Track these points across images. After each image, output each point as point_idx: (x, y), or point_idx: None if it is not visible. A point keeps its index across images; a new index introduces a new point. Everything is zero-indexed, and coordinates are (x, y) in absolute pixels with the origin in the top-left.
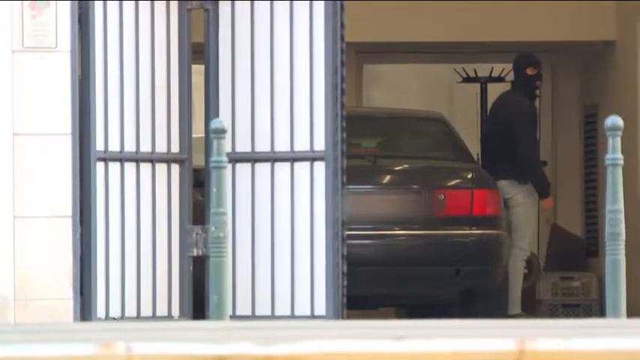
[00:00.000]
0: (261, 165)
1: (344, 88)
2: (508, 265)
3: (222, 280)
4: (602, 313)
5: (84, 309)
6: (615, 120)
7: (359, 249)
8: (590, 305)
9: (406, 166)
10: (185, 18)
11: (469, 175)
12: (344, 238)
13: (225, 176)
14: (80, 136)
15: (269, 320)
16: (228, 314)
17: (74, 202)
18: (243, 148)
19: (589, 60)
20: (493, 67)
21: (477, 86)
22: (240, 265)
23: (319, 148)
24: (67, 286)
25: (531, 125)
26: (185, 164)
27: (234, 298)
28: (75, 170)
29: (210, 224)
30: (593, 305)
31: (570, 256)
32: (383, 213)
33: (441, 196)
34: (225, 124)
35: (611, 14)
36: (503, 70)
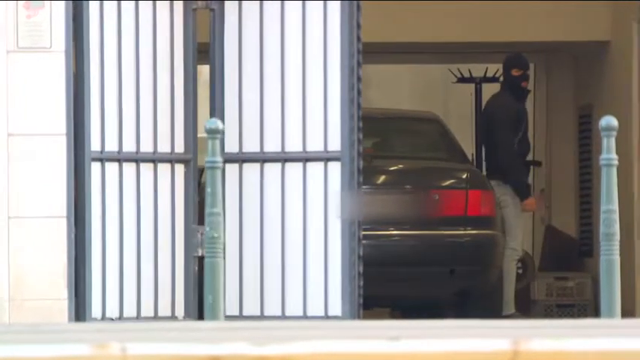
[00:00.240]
0: (271, 165)
1: (360, 88)
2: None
3: (216, 281)
4: (596, 313)
5: (79, 309)
6: (610, 120)
7: None
8: (585, 305)
9: (401, 167)
10: (190, 18)
11: (464, 176)
12: (360, 238)
13: (220, 176)
14: (75, 137)
15: (280, 321)
16: (222, 314)
17: (69, 202)
18: (251, 148)
19: (584, 60)
20: (488, 68)
21: (471, 86)
22: (247, 266)
23: (333, 148)
24: (61, 287)
25: (513, 127)
26: (190, 164)
27: (240, 298)
28: (70, 171)
29: (205, 224)
30: (587, 305)
31: (564, 257)
32: (378, 213)
33: (436, 197)
34: (229, 124)
35: (606, 15)
36: (497, 71)
